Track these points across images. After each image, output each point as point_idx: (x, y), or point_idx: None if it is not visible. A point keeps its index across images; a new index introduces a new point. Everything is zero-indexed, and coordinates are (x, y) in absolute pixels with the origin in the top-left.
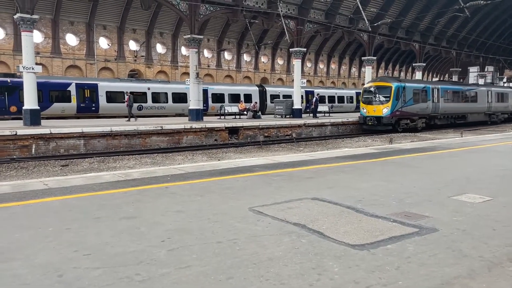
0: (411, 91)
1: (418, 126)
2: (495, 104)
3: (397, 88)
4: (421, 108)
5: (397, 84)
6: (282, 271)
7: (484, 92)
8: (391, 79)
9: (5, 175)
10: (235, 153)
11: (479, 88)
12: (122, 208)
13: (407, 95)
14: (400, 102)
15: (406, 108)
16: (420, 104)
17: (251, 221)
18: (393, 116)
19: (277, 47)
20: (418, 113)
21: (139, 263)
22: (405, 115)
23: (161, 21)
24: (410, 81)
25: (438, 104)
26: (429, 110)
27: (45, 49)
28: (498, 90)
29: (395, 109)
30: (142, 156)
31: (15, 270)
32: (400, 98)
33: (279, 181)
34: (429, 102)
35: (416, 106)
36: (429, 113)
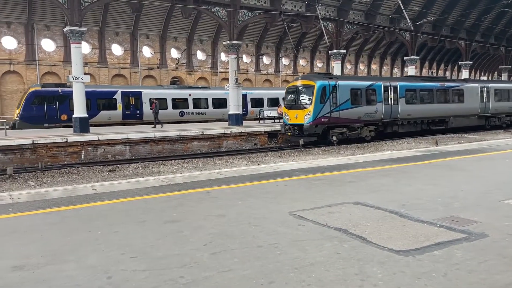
0: (348, 91)
1: (363, 135)
2: (495, 104)
3: (322, 88)
4: (366, 113)
5: (322, 83)
6: (324, 276)
7: (475, 89)
8: (315, 76)
9: (57, 180)
10: (274, 157)
11: (467, 85)
12: (166, 212)
13: (342, 96)
14: (328, 105)
15: (341, 113)
16: (364, 107)
17: (292, 226)
18: (317, 123)
19: (316, 50)
20: (362, 118)
21: (182, 266)
22: (339, 121)
23: (201, 28)
24: (348, 78)
25: (396, 107)
26: (380, 114)
27: (92, 59)
28: (500, 87)
29: (319, 114)
30: (184, 161)
31: (68, 271)
32: (329, 100)
33: (320, 185)
34: (379, 105)
35: (358, 109)
36: (380, 119)
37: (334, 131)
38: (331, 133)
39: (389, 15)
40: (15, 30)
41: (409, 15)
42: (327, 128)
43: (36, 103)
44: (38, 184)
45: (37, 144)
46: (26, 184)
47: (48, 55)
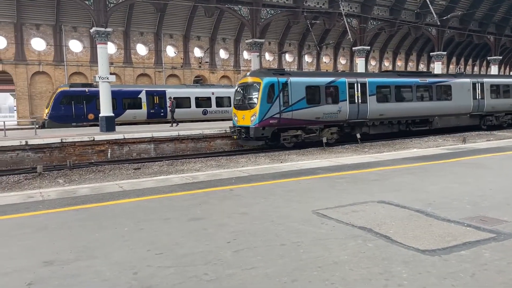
0: (303, 88)
1: (324, 137)
2: (492, 101)
3: (269, 85)
4: (326, 113)
5: (270, 80)
6: (348, 276)
7: (465, 85)
8: (263, 72)
9: (85, 178)
10: (297, 155)
11: (455, 80)
12: (190, 209)
13: (295, 94)
14: (277, 105)
15: (294, 114)
16: (324, 106)
17: (315, 224)
18: (265, 125)
19: (339, 47)
20: (321, 119)
21: (206, 263)
22: (293, 123)
23: (224, 27)
24: (304, 74)
25: (365, 106)
26: (344, 114)
27: (118, 59)
28: (498, 82)
29: (267, 115)
30: (208, 159)
31: (96, 267)
32: (278, 99)
33: (343, 183)
34: (343, 104)
35: (315, 109)
36: (345, 119)
37: (286, 134)
38: (282, 136)
39: (414, 10)
40: (44, 32)
41: (436, 10)
42: (277, 131)
43: (64, 103)
44: (66, 181)
45: (65, 142)
46: (55, 181)
47: (76, 56)
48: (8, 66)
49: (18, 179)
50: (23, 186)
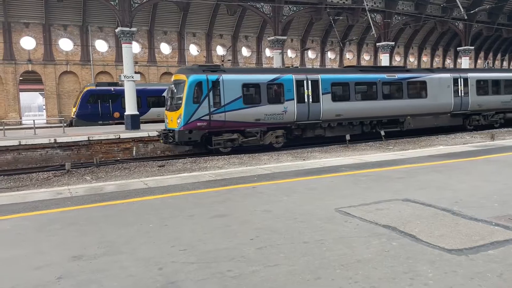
0: (239, 87)
1: (266, 142)
2: (477, 99)
3: (196, 84)
4: (269, 114)
5: (196, 77)
6: (372, 274)
7: (444, 80)
8: (190, 69)
9: (111, 175)
10: (320, 153)
11: (432, 75)
12: (213, 206)
13: (228, 93)
14: (206, 106)
15: (228, 115)
16: (265, 107)
17: (338, 222)
18: (191, 129)
19: (362, 43)
20: (262, 121)
21: (230, 259)
22: (226, 126)
23: (246, 25)
24: (241, 70)
25: (317, 106)
26: (291, 115)
27: (142, 58)
28: (487, 77)
29: (193, 117)
30: (230, 157)
31: (122, 262)
32: (208, 99)
33: (367, 181)
34: (289, 103)
35: (255, 110)
36: (292, 121)
37: (219, 138)
38: (214, 141)
39: (440, 4)
40: (71, 32)
41: (463, 4)
42: (208, 134)
43: (91, 102)
44: (93, 178)
45: (92, 140)
46: (82, 178)
47: (101, 56)
48: (37, 66)
49: (48, 176)
50: (52, 182)
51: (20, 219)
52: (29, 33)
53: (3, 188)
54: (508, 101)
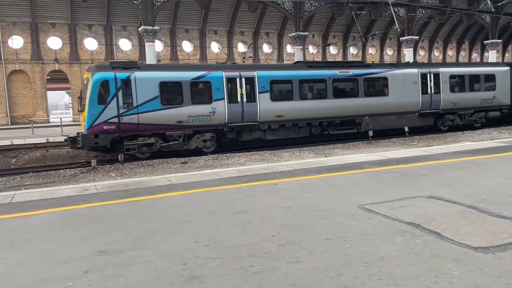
0: (155, 85)
1: (192, 147)
2: (451, 96)
3: (101, 83)
4: (193, 115)
5: (102, 75)
6: (396, 272)
7: (410, 76)
8: (97, 67)
9: (135, 172)
10: (342, 149)
11: (394, 71)
12: (235, 203)
13: (142, 93)
14: (114, 107)
15: (142, 117)
16: (188, 107)
17: (361, 219)
18: (98, 132)
19: (385, 37)
20: (185, 123)
21: (252, 255)
22: (141, 129)
23: (267, 21)
24: (159, 67)
25: (253, 106)
26: (220, 117)
27: (164, 56)
28: (462, 71)
29: (99, 119)
30: (252, 153)
31: (147, 257)
32: (116, 100)
33: (390, 178)
34: (218, 104)
35: (175, 111)
36: (223, 123)
37: (133, 142)
38: (126, 145)
39: None
40: (95, 32)
41: None
42: (120, 139)
43: None
44: (118, 175)
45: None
46: (108, 175)
47: (125, 54)
48: (63, 66)
49: (74, 172)
50: (79, 179)
51: (48, 214)
52: (56, 33)
53: (32, 184)
54: (490, 99)
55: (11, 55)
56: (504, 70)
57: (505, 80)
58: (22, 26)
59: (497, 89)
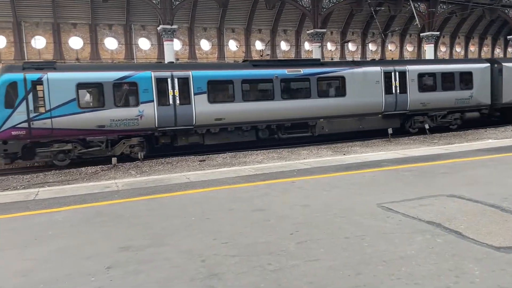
0: (72, 87)
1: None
2: (420, 96)
3: (7, 85)
4: (117, 119)
5: (9, 77)
6: (415, 271)
7: (371, 75)
8: (5, 68)
9: (154, 170)
10: (361, 147)
11: (353, 70)
12: (253, 201)
13: (57, 95)
14: (24, 111)
15: (55, 122)
16: (111, 110)
17: (379, 218)
18: (6, 138)
19: (405, 33)
20: (108, 128)
21: (270, 253)
22: (55, 134)
23: (285, 19)
24: (76, 68)
25: (187, 108)
26: (149, 121)
27: (183, 55)
28: (433, 69)
29: (6, 125)
30: (269, 151)
31: (166, 254)
32: (26, 102)
33: (410, 176)
34: (146, 106)
35: (96, 115)
36: (153, 127)
37: (46, 149)
38: (38, 153)
39: None
40: (115, 32)
41: None
42: (32, 145)
43: None
44: (138, 173)
45: None
46: (128, 172)
47: (144, 53)
48: None
49: (96, 170)
50: (100, 177)
51: (71, 211)
52: (77, 33)
53: (55, 182)
54: (466, 98)
55: (34, 55)
56: (483, 67)
57: (484, 78)
58: (44, 27)
59: (475, 88)
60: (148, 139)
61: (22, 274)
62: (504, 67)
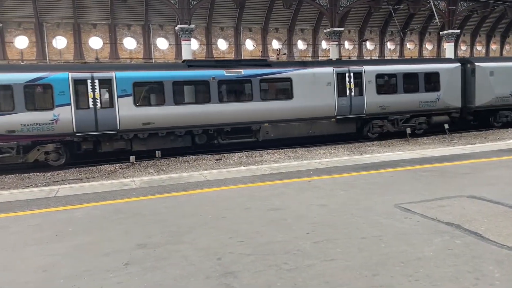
0: None
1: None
2: (379, 99)
3: None
4: (27, 124)
5: None
6: (433, 273)
7: (322, 76)
8: None
9: (171, 168)
10: (379, 147)
11: (301, 70)
12: (269, 200)
13: None
14: None
15: None
16: (22, 114)
17: (397, 218)
18: None
19: (425, 32)
20: (19, 133)
21: (286, 252)
22: None
23: (302, 17)
24: None
25: (110, 111)
26: (66, 125)
27: (200, 54)
28: (393, 70)
29: None
30: (286, 151)
31: (183, 251)
32: None
33: (429, 176)
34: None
35: (5, 119)
36: (71, 132)
37: None
38: None
39: None
40: (134, 32)
41: None
42: None
43: None
44: (155, 171)
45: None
46: (145, 171)
47: (162, 53)
48: None
49: (114, 168)
50: (118, 174)
51: (90, 208)
52: (97, 33)
53: (75, 179)
54: (432, 101)
55: (55, 55)
56: (453, 68)
57: (454, 79)
58: (65, 27)
59: (442, 89)
60: (67, 145)
61: (43, 270)
62: (477, 67)
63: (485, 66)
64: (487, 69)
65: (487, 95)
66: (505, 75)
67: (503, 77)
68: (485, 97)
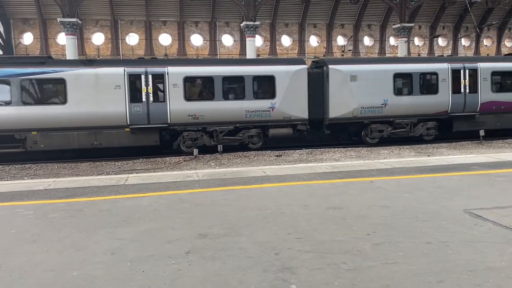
0: None
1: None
2: (190, 106)
3: None
4: None
5: None
6: (505, 284)
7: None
8: None
9: (232, 162)
10: (447, 149)
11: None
12: (329, 198)
13: None
14: None
15: None
16: None
17: (466, 225)
18: None
19: (504, 28)
20: None
21: (345, 252)
22: None
23: (369, 13)
24: None
25: None
26: None
27: (264, 51)
28: (208, 72)
29: None
30: (347, 149)
31: (241, 244)
32: None
33: (504, 182)
34: None
35: None
36: None
37: None
38: None
39: None
40: (201, 28)
41: None
42: None
43: None
44: (217, 164)
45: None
46: (208, 164)
47: (227, 49)
48: None
49: (178, 160)
50: (182, 166)
51: (155, 197)
52: (166, 30)
53: (142, 169)
54: (265, 111)
55: (128, 51)
56: (295, 70)
57: (295, 84)
58: (137, 25)
59: (279, 97)
60: None
61: (111, 252)
62: (331, 70)
63: (343, 69)
64: (346, 73)
65: (345, 105)
66: (375, 80)
67: (372, 82)
68: (343, 107)
